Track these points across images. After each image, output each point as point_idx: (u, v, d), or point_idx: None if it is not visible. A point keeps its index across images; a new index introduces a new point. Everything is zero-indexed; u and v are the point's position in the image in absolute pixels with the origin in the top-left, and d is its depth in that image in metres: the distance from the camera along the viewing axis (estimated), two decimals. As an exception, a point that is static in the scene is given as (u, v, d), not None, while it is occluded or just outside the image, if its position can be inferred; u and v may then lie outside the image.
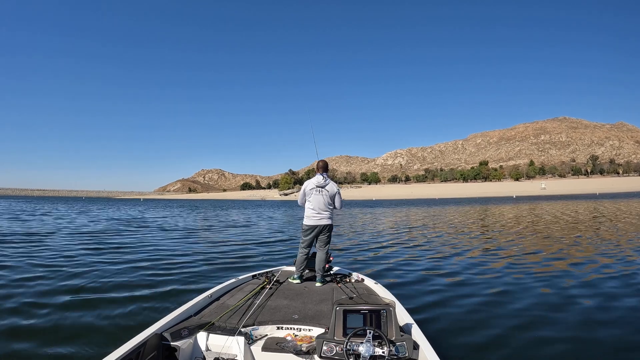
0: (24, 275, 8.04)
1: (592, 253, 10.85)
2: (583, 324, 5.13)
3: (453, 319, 5.37)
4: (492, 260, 10.06)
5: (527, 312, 5.67)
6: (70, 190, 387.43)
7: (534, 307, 5.85)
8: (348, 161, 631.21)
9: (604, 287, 7.00)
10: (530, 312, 5.62)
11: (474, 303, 6.14)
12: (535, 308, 5.82)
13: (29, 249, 11.74)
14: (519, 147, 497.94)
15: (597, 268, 8.72)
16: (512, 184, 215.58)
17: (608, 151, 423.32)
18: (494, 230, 18.20)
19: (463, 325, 5.11)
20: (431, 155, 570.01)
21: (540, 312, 5.64)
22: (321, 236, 5.61)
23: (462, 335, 4.79)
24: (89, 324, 5.10)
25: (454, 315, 5.54)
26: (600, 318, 5.33)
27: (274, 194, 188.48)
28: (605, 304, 5.96)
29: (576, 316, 5.43)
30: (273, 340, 3.51)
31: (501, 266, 9.20)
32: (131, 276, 8.04)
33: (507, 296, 6.53)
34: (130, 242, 13.91)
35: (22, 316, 5.43)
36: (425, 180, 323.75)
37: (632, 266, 8.79)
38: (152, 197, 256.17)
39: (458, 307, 5.92)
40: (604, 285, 7.13)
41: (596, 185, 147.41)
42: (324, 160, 5.70)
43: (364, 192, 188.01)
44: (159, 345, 3.17)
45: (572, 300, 6.21)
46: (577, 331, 4.87)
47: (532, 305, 5.98)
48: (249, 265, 9.38)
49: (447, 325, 5.11)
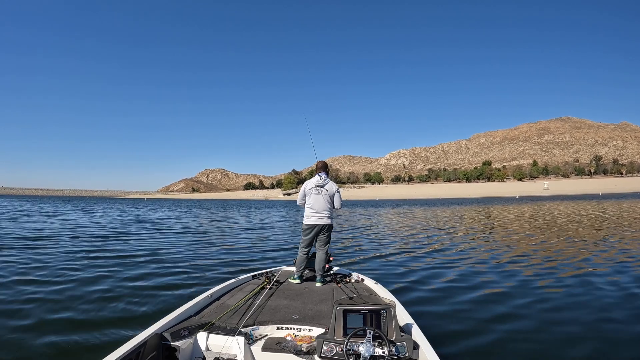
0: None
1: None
2: (599, 321, 5.14)
3: (453, 319, 5.35)
4: (492, 260, 10.02)
5: (527, 312, 5.65)
6: (73, 190, 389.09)
7: (535, 308, 5.83)
8: (351, 161, 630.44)
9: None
10: (530, 313, 5.60)
11: (475, 303, 6.12)
12: (536, 308, 5.80)
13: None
14: (522, 147, 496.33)
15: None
16: (515, 184, 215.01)
17: (612, 151, 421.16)
18: (494, 230, 18.18)
19: (463, 326, 5.09)
20: (434, 156, 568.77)
21: (539, 312, 5.63)
22: (321, 236, 5.62)
23: (462, 335, 4.77)
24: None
25: (455, 316, 5.52)
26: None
27: (277, 194, 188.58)
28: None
29: (587, 315, 5.43)
30: (273, 340, 3.50)
31: (502, 265, 9.19)
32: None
33: (507, 296, 6.51)
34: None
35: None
36: (428, 180, 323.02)
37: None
38: (156, 196, 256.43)
39: (458, 308, 5.90)
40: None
41: (599, 186, 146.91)
42: (323, 160, 5.76)
43: (367, 192, 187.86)
44: (159, 345, 3.18)
45: (572, 300, 6.18)
46: (589, 332, 4.84)
47: (532, 304, 5.97)
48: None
49: (447, 326, 5.09)
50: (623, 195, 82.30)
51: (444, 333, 4.78)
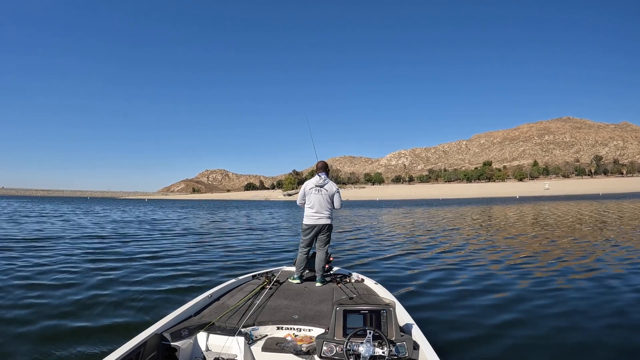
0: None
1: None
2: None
3: (454, 319, 5.35)
4: (492, 260, 10.03)
5: (526, 310, 5.67)
6: (74, 191, 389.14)
7: (535, 307, 5.83)
8: (352, 161, 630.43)
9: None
10: (530, 312, 5.60)
11: (475, 303, 6.12)
12: (535, 308, 5.81)
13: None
14: (523, 148, 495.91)
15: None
16: (516, 185, 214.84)
17: (612, 151, 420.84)
18: (493, 229, 18.17)
19: (463, 326, 5.09)
20: (435, 156, 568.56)
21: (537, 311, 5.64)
22: (320, 236, 5.63)
23: (462, 335, 4.77)
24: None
25: (455, 316, 5.51)
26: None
27: (277, 194, 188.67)
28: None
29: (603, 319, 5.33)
30: (273, 341, 3.51)
31: (502, 267, 9.17)
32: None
33: (508, 296, 6.50)
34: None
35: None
36: (428, 180, 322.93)
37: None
38: (156, 197, 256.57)
39: (459, 307, 5.90)
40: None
41: (600, 186, 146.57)
42: (324, 161, 5.76)
43: (367, 192, 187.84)
44: (159, 345, 3.18)
45: (572, 299, 6.18)
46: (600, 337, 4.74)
47: (533, 305, 5.95)
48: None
49: (447, 326, 5.09)
50: (624, 195, 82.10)
51: (444, 333, 4.77)
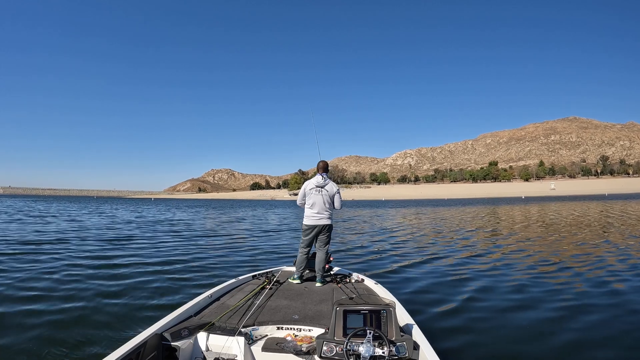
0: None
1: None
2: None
3: (454, 319, 5.33)
4: (493, 260, 9.98)
5: (525, 310, 5.67)
6: (80, 190, 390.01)
7: (535, 308, 5.81)
8: (357, 161, 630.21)
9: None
10: (531, 313, 5.57)
11: (475, 303, 6.10)
12: (537, 308, 5.80)
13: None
14: (529, 148, 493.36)
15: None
16: (522, 185, 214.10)
17: (618, 151, 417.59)
18: (496, 229, 18.10)
19: (463, 326, 5.07)
20: (441, 156, 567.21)
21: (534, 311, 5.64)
22: (321, 236, 5.63)
23: (462, 335, 4.75)
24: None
25: (455, 316, 5.50)
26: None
27: (283, 194, 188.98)
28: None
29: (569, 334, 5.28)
30: (273, 341, 3.51)
31: (502, 266, 9.14)
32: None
33: (508, 296, 6.48)
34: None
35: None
36: (434, 180, 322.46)
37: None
38: (162, 196, 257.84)
39: (459, 307, 5.89)
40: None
41: (606, 186, 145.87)
42: (325, 161, 5.73)
43: (373, 192, 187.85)
44: (159, 345, 3.19)
45: (570, 299, 6.14)
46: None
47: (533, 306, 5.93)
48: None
49: (447, 326, 5.06)
50: (630, 196, 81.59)
51: (444, 333, 4.75)
